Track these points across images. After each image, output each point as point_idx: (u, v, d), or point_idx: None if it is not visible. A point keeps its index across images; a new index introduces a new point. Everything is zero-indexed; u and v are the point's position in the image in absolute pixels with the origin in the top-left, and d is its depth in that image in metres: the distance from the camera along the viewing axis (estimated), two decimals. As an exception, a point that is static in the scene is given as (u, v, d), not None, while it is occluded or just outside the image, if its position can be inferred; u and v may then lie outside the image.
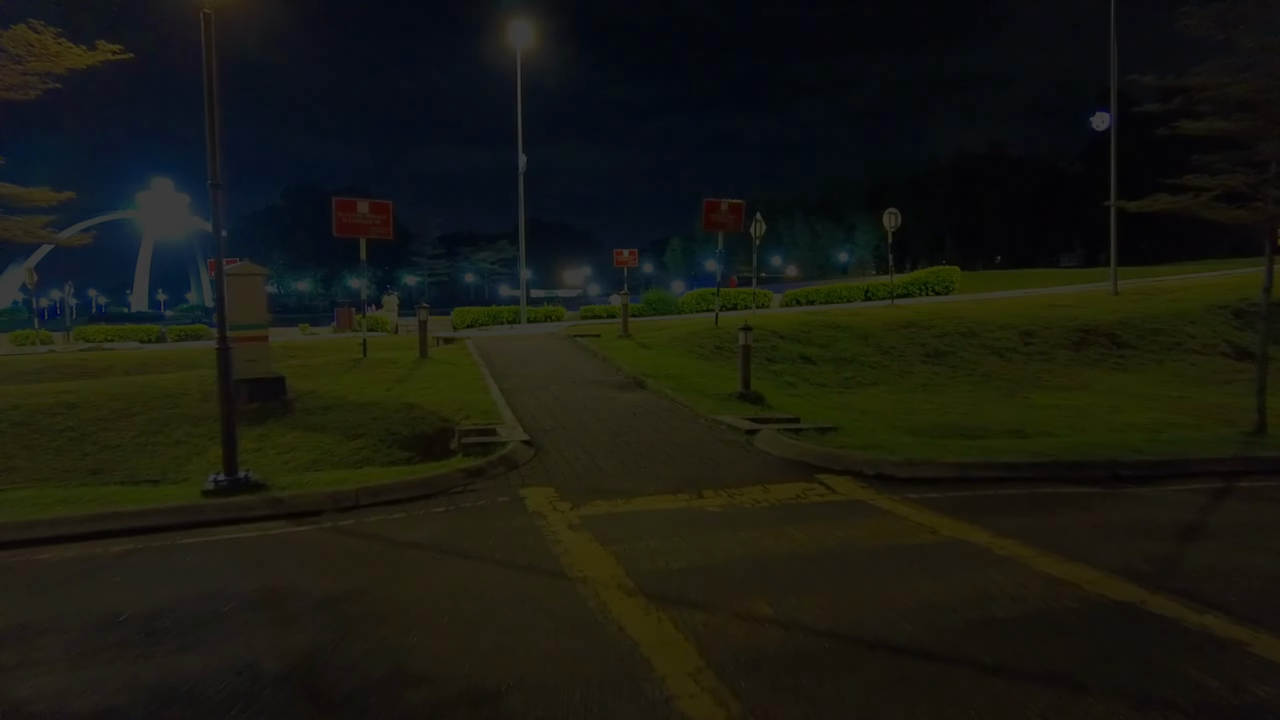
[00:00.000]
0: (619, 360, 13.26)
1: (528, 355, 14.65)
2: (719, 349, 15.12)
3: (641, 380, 11.55)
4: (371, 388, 11.18)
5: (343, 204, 12.74)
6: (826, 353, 15.81)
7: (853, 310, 21.39)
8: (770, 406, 10.30)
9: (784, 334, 16.22)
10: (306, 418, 9.98)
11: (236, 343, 10.56)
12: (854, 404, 13.25)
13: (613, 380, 11.94)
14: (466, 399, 10.09)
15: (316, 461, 8.73)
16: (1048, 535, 5.08)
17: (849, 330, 17.05)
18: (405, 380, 11.46)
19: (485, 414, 9.30)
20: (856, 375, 15.15)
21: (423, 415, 9.59)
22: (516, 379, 11.98)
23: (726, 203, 15.79)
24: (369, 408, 10.12)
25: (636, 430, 8.58)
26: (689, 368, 12.79)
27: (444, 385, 10.92)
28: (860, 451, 7.22)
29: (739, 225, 16.00)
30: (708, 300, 30.05)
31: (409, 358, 13.36)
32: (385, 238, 13.11)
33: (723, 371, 13.15)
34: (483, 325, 27.24)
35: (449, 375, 11.71)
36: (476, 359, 13.39)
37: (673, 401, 10.18)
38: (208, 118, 6.32)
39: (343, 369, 12.41)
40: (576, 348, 15.66)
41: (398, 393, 10.74)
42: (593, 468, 7.09)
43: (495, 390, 10.63)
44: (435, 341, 16.66)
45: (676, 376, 11.72)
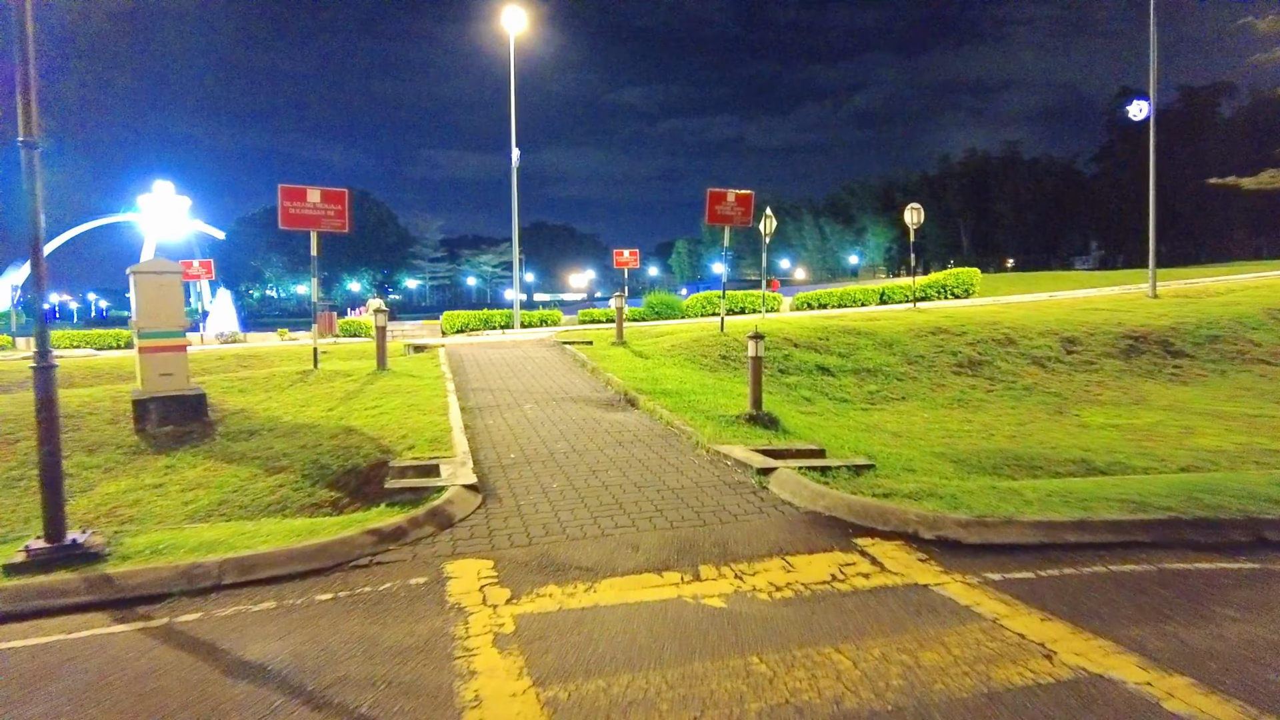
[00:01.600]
0: (610, 371, 11.50)
1: (506, 365, 12.90)
2: (725, 359, 13.33)
3: (633, 397, 9.78)
4: (312, 406, 9.45)
5: (290, 192, 11.02)
6: (847, 363, 14.00)
7: (871, 315, 19.56)
8: (787, 431, 8.51)
9: (798, 341, 14.43)
10: (226, 444, 8.25)
11: (148, 353, 8.86)
12: (882, 423, 11.45)
13: (600, 397, 10.17)
14: (417, 422, 8.34)
15: (224, 503, 7.00)
16: (1226, 661, 3.29)
17: (871, 337, 15.24)
18: (353, 398, 9.72)
19: (433, 442, 7.54)
20: (882, 389, 13.34)
21: (360, 444, 7.84)
22: (486, 395, 10.23)
23: (733, 193, 14.01)
24: (301, 432, 8.39)
25: (620, 466, 6.80)
26: (690, 382, 11.01)
27: (395, 405, 9.17)
28: (911, 504, 5.42)
29: (747, 218, 14.21)
30: (714, 304, 28.25)
31: (367, 369, 11.62)
32: (339, 230, 11.39)
33: (729, 386, 11.36)
34: (473, 330, 25.54)
35: (405, 391, 9.96)
36: (445, 370, 11.64)
37: (668, 426, 8.40)
38: (18, 58, 4.58)
39: (287, 383, 10.68)
40: (564, 357, 13.90)
41: (339, 414, 9.00)
42: (553, 526, 5.31)
43: (455, 410, 8.87)
44: (405, 350, 14.93)
45: (675, 393, 9.94)
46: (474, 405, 9.60)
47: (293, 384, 10.64)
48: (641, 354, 13.50)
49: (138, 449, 8.26)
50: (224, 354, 14.85)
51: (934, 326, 16.33)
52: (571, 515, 5.50)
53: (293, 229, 11.09)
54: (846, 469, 6.51)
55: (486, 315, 26.26)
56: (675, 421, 8.37)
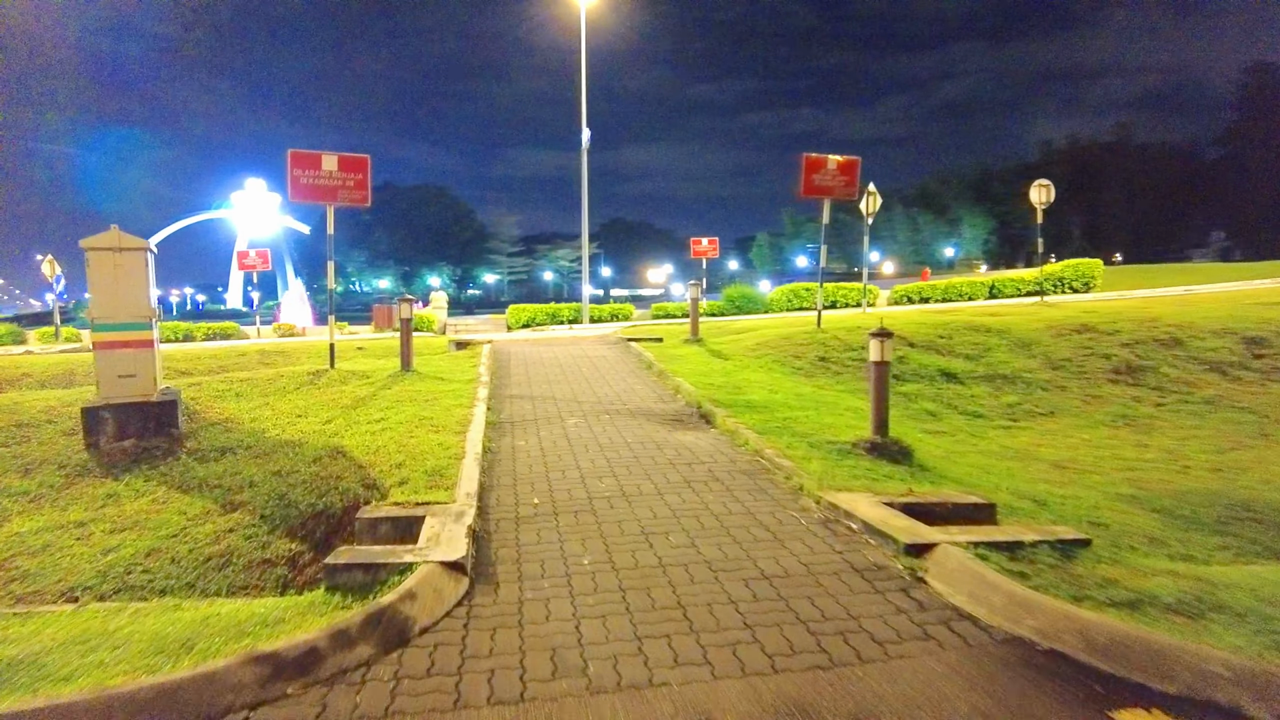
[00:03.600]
0: (680, 375, 9.28)
1: (557, 366, 10.85)
2: (824, 362, 10.90)
3: (708, 411, 7.53)
4: (309, 417, 7.60)
5: (300, 159, 9.24)
6: (977, 367, 11.34)
7: (992, 309, 16.65)
8: (924, 467, 6.11)
9: (915, 340, 11.84)
10: (189, 467, 6.46)
11: (105, 351, 7.17)
12: (1032, 448, 8.83)
13: (665, 409, 7.97)
14: (423, 443, 6.33)
15: (153, 553, 5.16)
16: None
17: (1002, 336, 12.49)
18: (358, 407, 7.83)
19: (434, 475, 5.50)
20: (1023, 400, 10.64)
21: (342, 472, 5.89)
22: (524, 404, 8.18)
23: (834, 159, 11.53)
24: (282, 452, 6.52)
25: (688, 527, 4.58)
26: (782, 391, 8.68)
27: (404, 417, 7.21)
28: (1192, 632, 2.99)
29: (851, 189, 11.70)
30: (801, 297, 25.64)
31: (389, 369, 9.76)
32: (359, 204, 9.55)
33: (833, 398, 8.97)
34: (539, 325, 23.76)
35: (423, 399, 8.00)
36: (481, 372, 9.66)
37: (756, 456, 6.12)
38: None
39: (292, 386, 8.91)
40: (627, 356, 11.75)
41: (334, 428, 7.10)
42: (569, 654, 3.13)
43: (478, 427, 6.83)
44: (448, 347, 13.08)
45: (763, 406, 7.64)
46: (505, 418, 7.55)
47: (298, 387, 8.86)
48: (719, 354, 11.22)
49: (83, 470, 6.55)
50: (247, 350, 13.41)
51: (1076, 323, 13.40)
52: (603, 630, 3.31)
53: (304, 202, 9.31)
54: (1047, 547, 4.09)
55: (553, 309, 24.43)
56: (766, 450, 6.08)
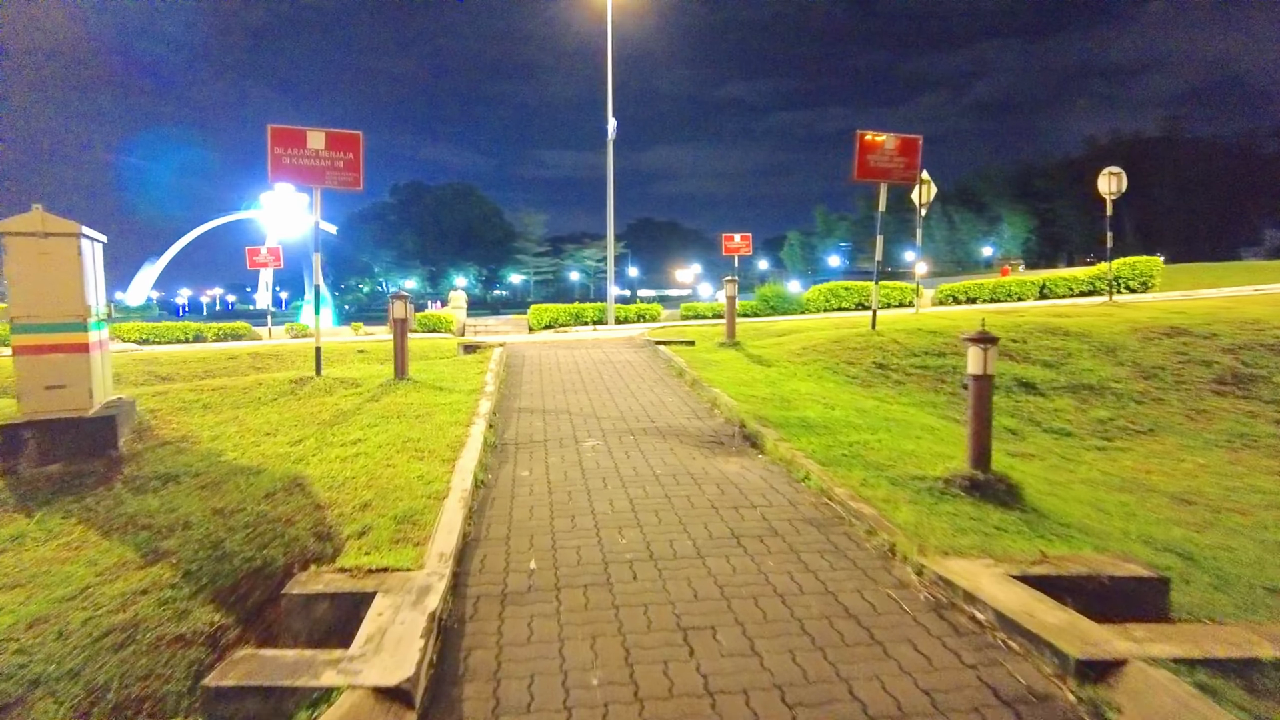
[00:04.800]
0: (718, 385, 7.93)
1: (577, 373, 9.55)
2: (882, 369, 9.46)
3: (755, 432, 6.17)
4: (277, 436, 6.39)
5: (282, 136, 8.03)
6: (1057, 376, 9.82)
7: (1060, 310, 15.03)
8: (1038, 510, 4.70)
9: (982, 344, 10.35)
10: (121, 500, 5.27)
11: (26, 356, 6.01)
12: (1142, 476, 7.34)
13: (701, 427, 6.62)
14: (400, 475, 5.07)
15: (39, 623, 3.95)
16: None
17: (1081, 340, 10.94)
18: (336, 424, 6.59)
19: (404, 523, 4.22)
20: (1116, 415, 9.12)
21: (295, 514, 4.64)
22: (533, 421, 6.89)
23: (893, 138, 10.08)
24: (234, 482, 5.31)
25: (742, 616, 3.23)
26: (840, 405, 7.28)
27: (385, 439, 5.94)
28: None
29: (912, 172, 10.25)
30: (839, 296, 24.08)
31: (382, 377, 8.53)
32: (350, 188, 8.33)
33: (900, 413, 7.57)
34: (562, 325, 22.50)
35: (413, 415, 6.74)
36: (487, 381, 8.39)
37: (821, 495, 4.76)
38: None
39: (270, 396, 7.72)
40: (656, 361, 10.42)
41: (302, 451, 5.87)
42: None
43: (473, 450, 5.55)
44: (458, 350, 11.85)
45: (822, 426, 6.26)
46: (509, 438, 6.27)
47: (276, 398, 7.67)
48: (760, 359, 9.84)
49: (-5, 501, 5.40)
50: (239, 353, 12.31)
51: (1164, 326, 11.78)
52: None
53: (287, 182, 8.13)
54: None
55: (577, 309, 23.14)
56: (836, 489, 4.71)
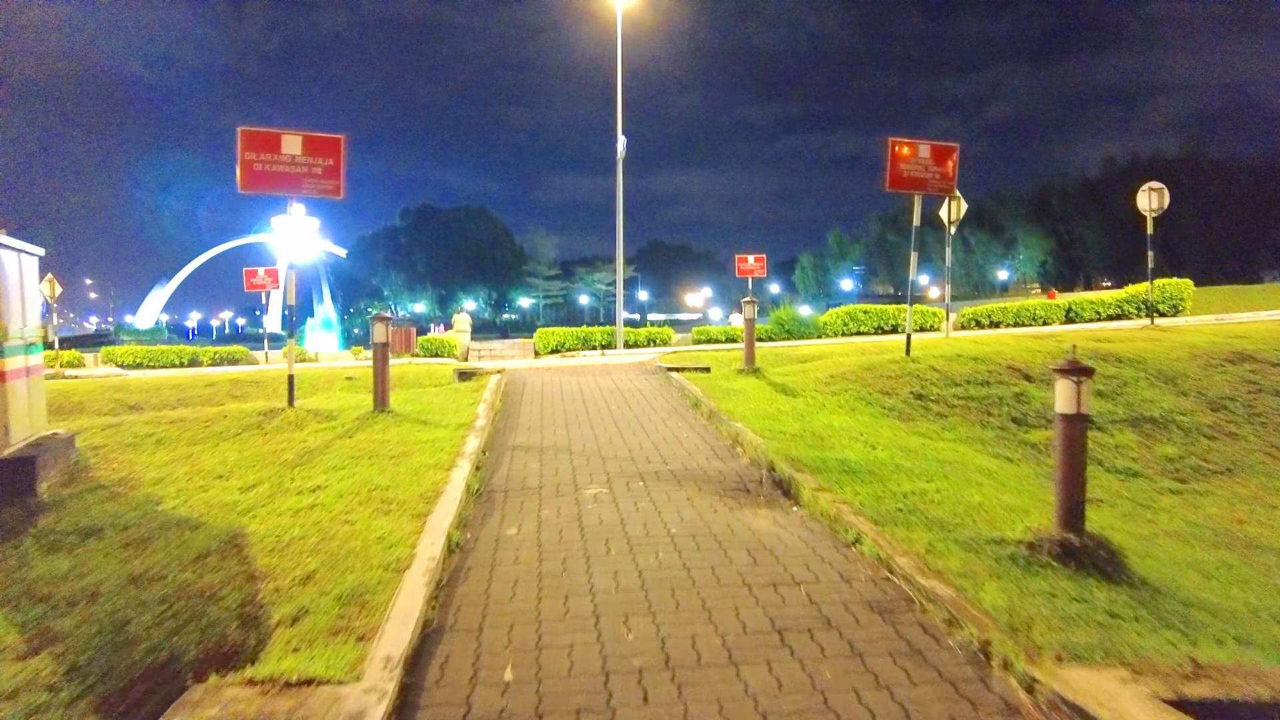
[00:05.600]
0: (740, 418, 6.99)
1: (582, 403, 8.65)
2: (921, 400, 8.50)
3: (789, 477, 5.22)
4: (230, 479, 5.49)
5: (254, 140, 7.23)
6: (1115, 407, 8.83)
7: (1101, 335, 14.02)
8: (1146, 582, 3.73)
9: (1030, 372, 9.39)
10: (26, 559, 4.39)
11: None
12: (1235, 527, 6.34)
13: (723, 470, 5.68)
14: (362, 532, 4.16)
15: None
16: None
17: (1136, 367, 9.94)
18: (300, 464, 5.70)
19: (350, 601, 3.31)
20: (1186, 453, 8.10)
21: (226, 582, 3.73)
22: (528, 461, 5.97)
23: (927, 145, 9.22)
24: (165, 538, 4.42)
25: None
26: (882, 443, 6.32)
27: (351, 485, 5.04)
28: None
29: (949, 183, 9.36)
30: (858, 320, 23.21)
31: (361, 408, 7.62)
32: (330, 196, 7.52)
33: (950, 451, 6.60)
34: (569, 350, 21.66)
35: (388, 455, 5.84)
36: (480, 413, 7.48)
37: (884, 567, 3.80)
38: None
39: (234, 430, 6.85)
40: (669, 390, 9.50)
41: (255, 498, 4.97)
42: None
43: (452, 499, 4.63)
44: (453, 377, 10.97)
45: (866, 469, 5.30)
46: (496, 485, 5.35)
47: (239, 432, 6.79)
48: (785, 388, 8.90)
49: (-119, 561, 4.52)
50: (217, 379, 11.48)
51: (1225, 351, 10.75)
52: None
53: (259, 192, 7.31)
54: None
55: (585, 333, 22.32)
56: (896, 557, 3.75)
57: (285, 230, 44.66)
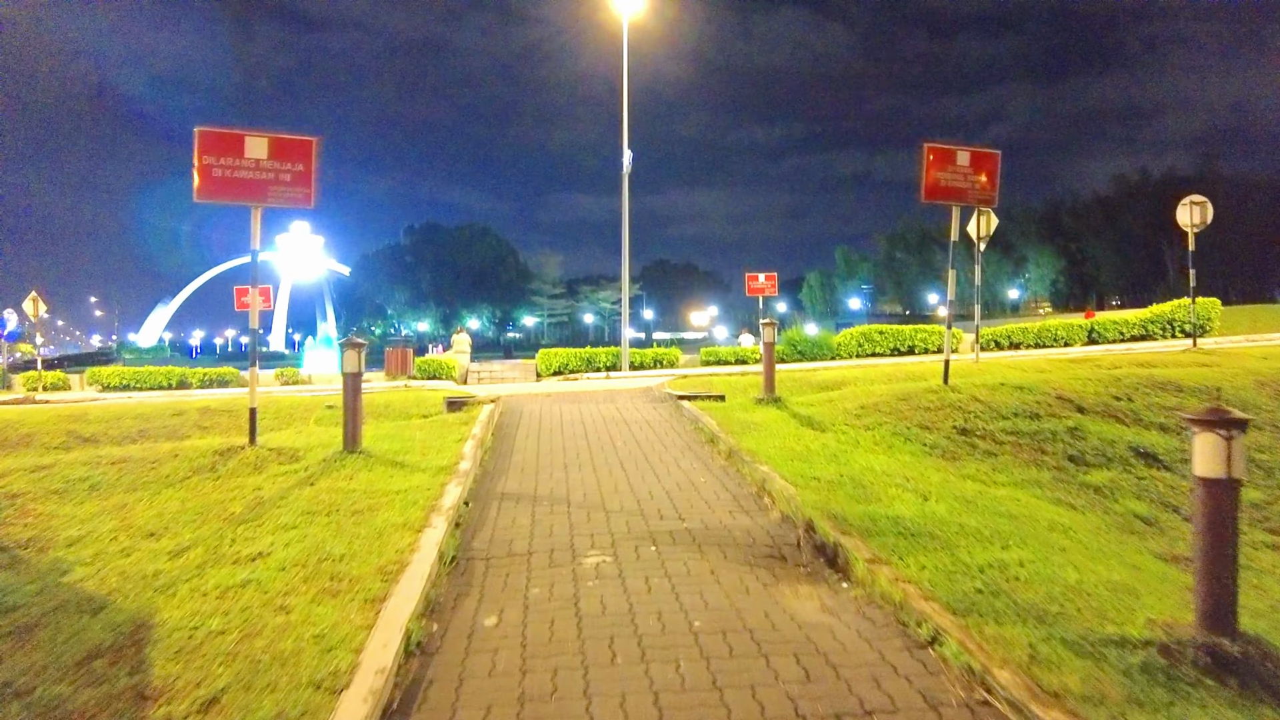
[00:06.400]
0: (765, 458, 6.06)
1: (585, 438, 7.72)
2: (966, 435, 7.55)
3: (831, 540, 4.28)
4: (162, 539, 4.58)
5: (214, 142, 6.38)
6: (1183, 444, 7.85)
7: (1144, 358, 13.07)
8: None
9: (1083, 403, 8.43)
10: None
11: None
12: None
13: (752, 528, 4.74)
14: (298, 629, 3.23)
15: None
16: None
17: (1199, 396, 8.97)
18: (246, 521, 4.79)
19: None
20: (1274, 498, 7.12)
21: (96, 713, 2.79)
22: (520, 514, 5.05)
23: (967, 151, 8.35)
24: (51, 627, 3.50)
25: None
26: (934, 490, 5.37)
27: (297, 553, 4.12)
28: None
29: (991, 193, 8.50)
30: (874, 341, 22.19)
31: (330, 446, 6.69)
32: (300, 205, 6.66)
33: (1010, 500, 5.65)
34: (572, 372, 20.74)
35: (350, 509, 4.92)
36: (467, 453, 6.55)
37: (975, 683, 2.85)
38: None
39: (182, 474, 5.94)
40: (681, 421, 8.58)
41: (182, 568, 4.06)
42: None
43: (418, 574, 3.71)
44: (442, 406, 10.05)
45: (924, 528, 4.36)
46: (477, 550, 4.42)
47: (188, 476, 5.88)
48: (811, 420, 7.96)
49: None
50: (186, 407, 10.57)
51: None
52: None
53: (217, 201, 6.46)
54: None
55: (589, 354, 21.39)
56: (993, 669, 2.81)
57: (289, 248, 42.21)
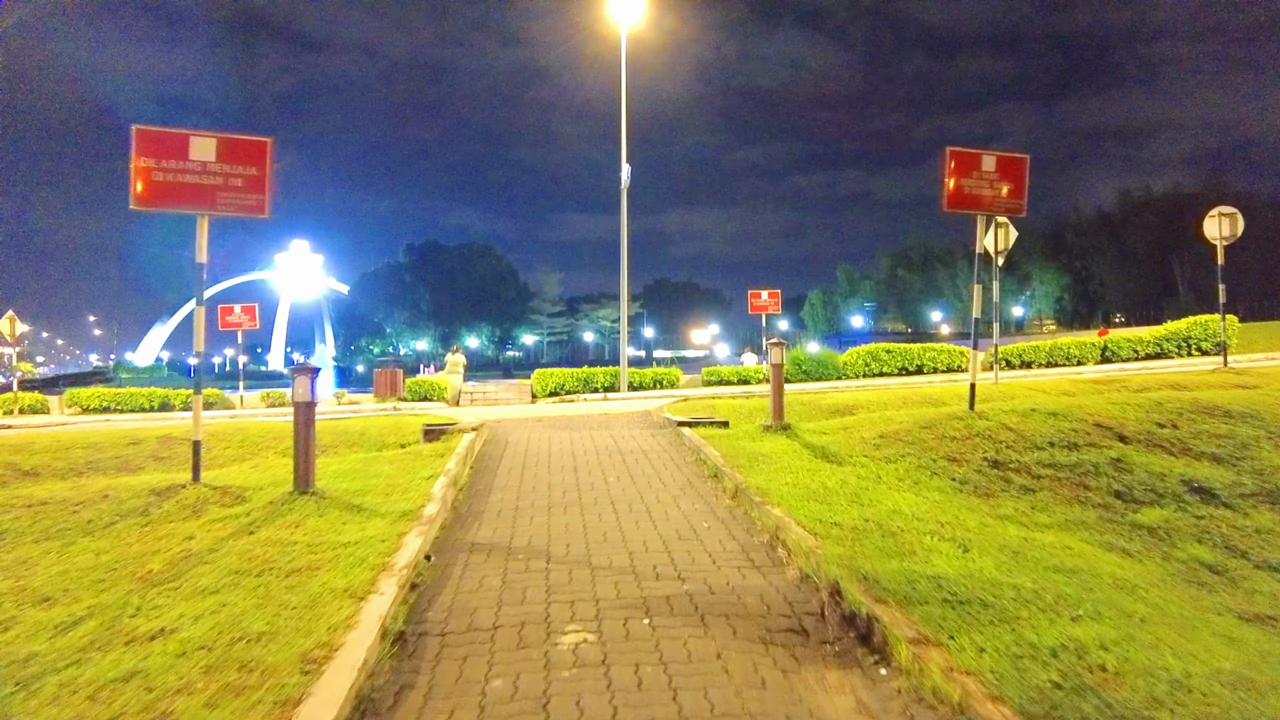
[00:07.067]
0: (777, 499, 5.29)
1: (575, 473, 6.94)
2: (998, 469, 6.76)
3: (865, 610, 3.49)
4: (53, 608, 3.80)
5: (153, 143, 5.68)
6: (1239, 477, 7.05)
7: (1176, 380, 12.29)
8: None
9: (1124, 430, 7.64)
10: None
11: None
12: None
13: (764, 590, 3.95)
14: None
15: None
16: None
17: (1252, 423, 8.17)
18: (161, 584, 4.01)
19: None
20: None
21: None
22: (492, 571, 4.26)
23: (993, 156, 7.64)
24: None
25: None
26: (974, 537, 4.57)
27: (213, 627, 3.33)
28: None
29: (1019, 202, 7.79)
30: (881, 360, 21.46)
31: (279, 487, 5.90)
32: (253, 214, 5.94)
33: (1061, 545, 4.85)
34: (569, 393, 19.98)
35: (289, 566, 4.14)
36: (436, 494, 5.77)
37: None
38: None
39: (109, 519, 5.17)
40: (681, 452, 7.81)
41: (64, 649, 3.26)
42: None
43: (352, 661, 2.93)
44: (423, 434, 9.27)
45: (976, 592, 3.56)
46: (432, 623, 3.63)
47: (113, 522, 5.11)
48: (826, 452, 7.18)
49: None
50: (144, 437, 9.74)
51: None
52: None
53: (158, 209, 5.73)
54: None
55: (587, 374, 20.63)
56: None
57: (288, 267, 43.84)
